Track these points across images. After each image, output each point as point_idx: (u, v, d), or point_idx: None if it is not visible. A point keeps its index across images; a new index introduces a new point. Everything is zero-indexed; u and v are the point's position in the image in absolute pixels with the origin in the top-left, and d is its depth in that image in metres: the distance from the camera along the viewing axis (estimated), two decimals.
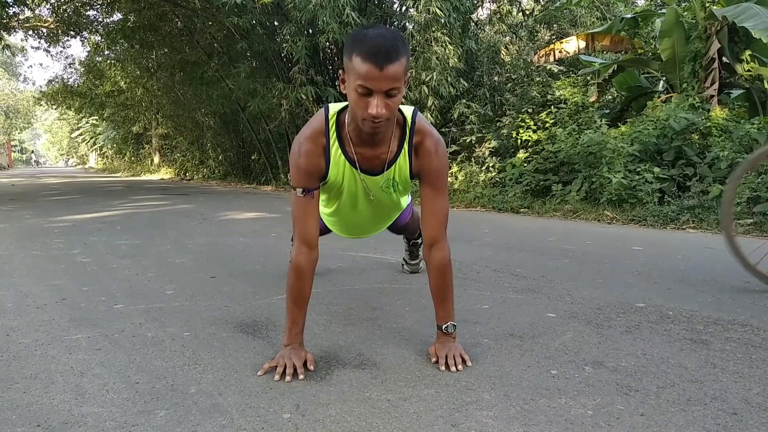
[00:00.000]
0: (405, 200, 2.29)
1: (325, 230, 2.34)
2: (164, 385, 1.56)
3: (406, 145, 1.69)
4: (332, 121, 1.66)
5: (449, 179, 8.45)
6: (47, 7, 14.56)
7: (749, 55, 7.34)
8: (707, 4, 7.32)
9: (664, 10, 8.18)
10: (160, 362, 1.74)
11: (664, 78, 8.88)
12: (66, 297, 2.57)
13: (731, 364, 1.69)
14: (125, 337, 1.99)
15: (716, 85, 7.12)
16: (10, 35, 15.98)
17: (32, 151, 68.38)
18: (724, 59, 7.26)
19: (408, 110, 1.69)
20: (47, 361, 1.76)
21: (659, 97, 7.99)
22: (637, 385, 1.54)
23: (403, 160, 1.71)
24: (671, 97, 7.61)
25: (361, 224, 2.21)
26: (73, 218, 6.11)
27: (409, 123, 1.68)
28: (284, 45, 9.34)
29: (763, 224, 4.73)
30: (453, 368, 1.64)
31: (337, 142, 1.67)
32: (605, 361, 1.72)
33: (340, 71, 1.53)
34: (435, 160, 1.69)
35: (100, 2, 14.14)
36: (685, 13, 7.68)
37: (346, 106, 1.64)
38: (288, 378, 1.58)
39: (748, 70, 7.29)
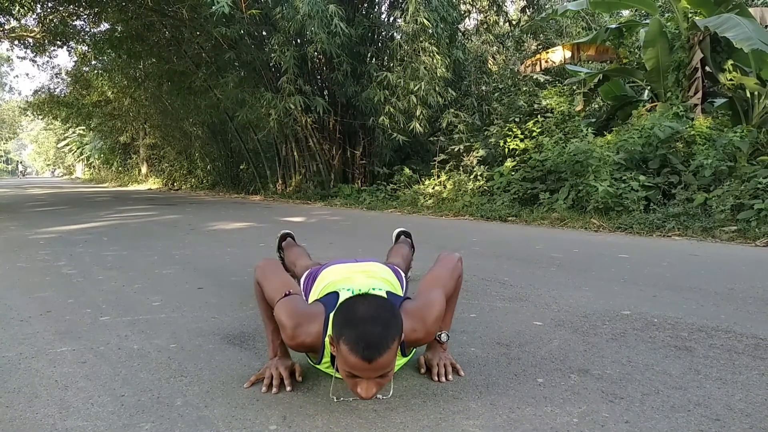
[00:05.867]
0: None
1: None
2: (150, 398, 1.55)
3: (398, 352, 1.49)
4: (328, 347, 1.52)
5: (438, 188, 8.48)
6: (33, 17, 14.46)
7: (731, 64, 7.48)
8: (690, 15, 7.45)
9: (647, 21, 8.31)
10: (145, 375, 1.72)
11: (648, 87, 9.00)
12: (51, 309, 2.55)
13: (715, 371, 1.71)
14: (111, 349, 1.97)
15: (699, 94, 7.24)
16: None
17: (19, 162, 67.74)
18: (707, 69, 7.39)
19: None
20: (31, 374, 1.74)
21: (644, 106, 8.08)
22: (622, 392, 1.56)
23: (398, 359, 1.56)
24: (656, 105, 7.70)
25: None
26: (59, 229, 6.05)
27: None
28: (272, 55, 9.36)
29: (746, 231, 4.79)
30: (443, 378, 1.65)
31: (329, 360, 1.55)
32: (591, 369, 1.73)
33: (329, 336, 1.43)
34: (428, 330, 1.55)
35: (86, 12, 14.07)
36: (669, 23, 7.80)
37: None
38: (275, 390, 1.57)
39: (731, 80, 7.42)
